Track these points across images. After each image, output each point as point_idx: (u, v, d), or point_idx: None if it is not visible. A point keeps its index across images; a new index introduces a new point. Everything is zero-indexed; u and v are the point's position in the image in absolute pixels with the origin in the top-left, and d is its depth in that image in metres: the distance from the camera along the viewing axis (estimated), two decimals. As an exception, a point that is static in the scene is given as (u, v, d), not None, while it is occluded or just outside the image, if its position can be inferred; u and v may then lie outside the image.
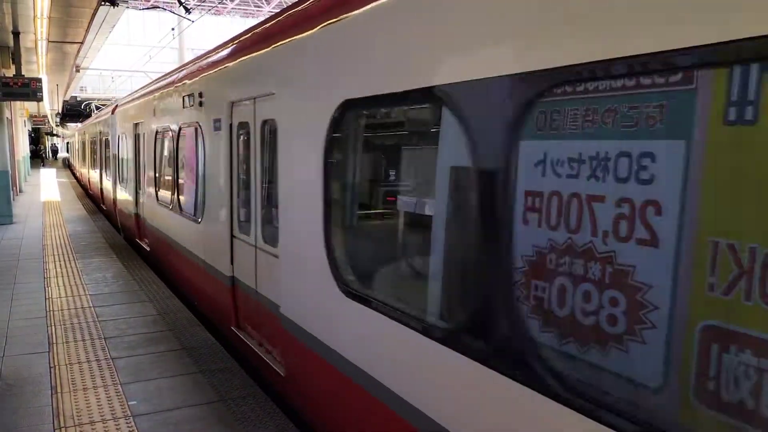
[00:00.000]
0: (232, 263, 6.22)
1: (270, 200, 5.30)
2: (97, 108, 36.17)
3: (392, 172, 3.96)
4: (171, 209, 8.78)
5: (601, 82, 2.11)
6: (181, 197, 8.31)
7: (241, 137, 5.98)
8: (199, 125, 7.13)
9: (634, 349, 2.04)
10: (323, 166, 3.95)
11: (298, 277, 4.52)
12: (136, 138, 11.85)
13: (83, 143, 28.21)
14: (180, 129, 8.11)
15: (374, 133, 4.19)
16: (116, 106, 15.70)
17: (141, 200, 11.59)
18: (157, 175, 9.99)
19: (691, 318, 1.87)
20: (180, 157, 8.33)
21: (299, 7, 4.75)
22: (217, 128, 6.49)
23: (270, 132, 5.21)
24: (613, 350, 2.11)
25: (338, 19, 3.83)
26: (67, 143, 63.60)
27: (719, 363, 1.78)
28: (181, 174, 8.35)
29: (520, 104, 2.40)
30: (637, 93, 2.02)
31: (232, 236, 6.16)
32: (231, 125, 6.12)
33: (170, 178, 8.86)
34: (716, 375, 1.79)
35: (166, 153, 9.29)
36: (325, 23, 4.01)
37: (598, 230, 2.15)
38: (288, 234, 4.70)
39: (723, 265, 1.76)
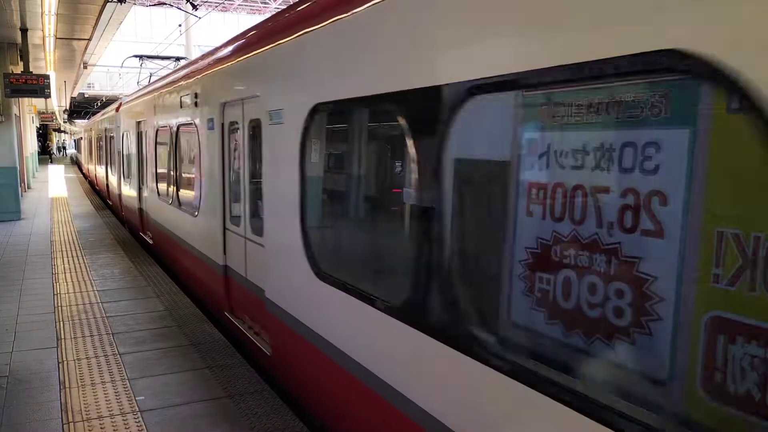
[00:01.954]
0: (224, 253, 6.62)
1: (257, 194, 5.66)
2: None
3: (356, 168, 4.34)
4: None
5: None
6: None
7: (232, 136, 6.38)
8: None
9: None
10: (299, 162, 4.41)
11: (281, 263, 4.92)
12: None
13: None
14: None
15: (338, 133, 4.61)
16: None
17: None
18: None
19: None
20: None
21: (276, 20, 5.25)
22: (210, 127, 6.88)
23: (256, 130, 5.56)
24: None
25: (310, 30, 4.20)
26: (75, 140, 63.65)
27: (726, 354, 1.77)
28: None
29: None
30: None
31: (225, 228, 6.60)
32: (223, 124, 6.52)
33: None
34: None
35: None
36: (299, 33, 4.42)
37: None
38: (271, 224, 5.13)
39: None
